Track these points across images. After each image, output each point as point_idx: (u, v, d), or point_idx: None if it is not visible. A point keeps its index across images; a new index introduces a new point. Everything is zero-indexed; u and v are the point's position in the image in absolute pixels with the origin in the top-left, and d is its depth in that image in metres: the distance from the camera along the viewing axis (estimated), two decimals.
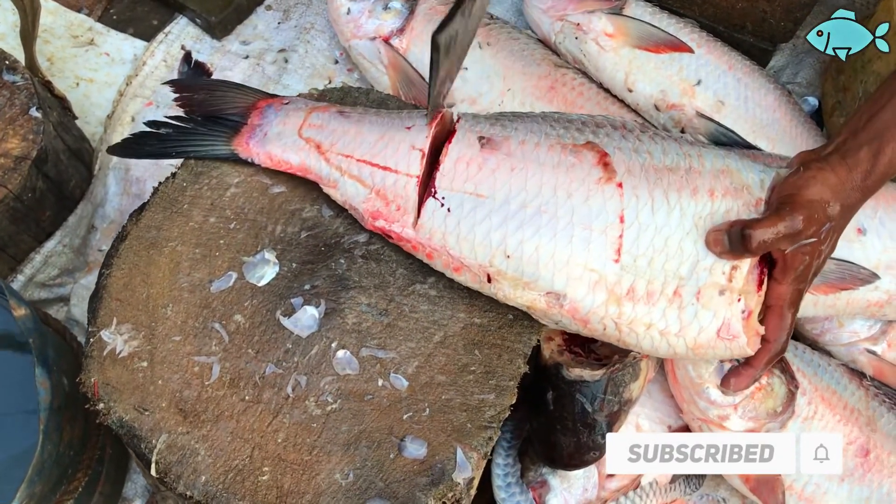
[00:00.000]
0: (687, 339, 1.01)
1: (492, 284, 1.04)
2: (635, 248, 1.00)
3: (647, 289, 1.00)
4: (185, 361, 1.03)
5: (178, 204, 1.15)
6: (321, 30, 1.79)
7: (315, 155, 1.14)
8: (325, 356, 1.04)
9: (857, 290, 1.29)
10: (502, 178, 1.04)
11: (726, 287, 0.99)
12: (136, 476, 1.39)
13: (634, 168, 1.04)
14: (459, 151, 1.07)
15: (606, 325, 1.02)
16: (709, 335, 1.00)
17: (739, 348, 1.01)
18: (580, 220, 1.01)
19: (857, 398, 1.30)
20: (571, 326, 1.05)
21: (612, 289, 1.00)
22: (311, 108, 1.18)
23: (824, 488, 1.27)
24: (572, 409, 1.14)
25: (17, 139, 1.43)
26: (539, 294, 1.02)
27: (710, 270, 0.99)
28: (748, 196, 1.01)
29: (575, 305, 1.01)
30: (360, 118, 1.15)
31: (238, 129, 1.18)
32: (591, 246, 1.00)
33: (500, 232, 1.02)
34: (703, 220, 1.00)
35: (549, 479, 1.26)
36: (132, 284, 1.08)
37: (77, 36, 1.80)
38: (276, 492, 0.95)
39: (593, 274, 1.00)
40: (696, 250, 1.00)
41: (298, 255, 1.12)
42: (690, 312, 1.00)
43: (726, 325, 0.99)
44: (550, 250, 1.01)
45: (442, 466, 0.97)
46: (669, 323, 1.00)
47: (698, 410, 1.24)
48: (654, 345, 1.02)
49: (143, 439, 0.97)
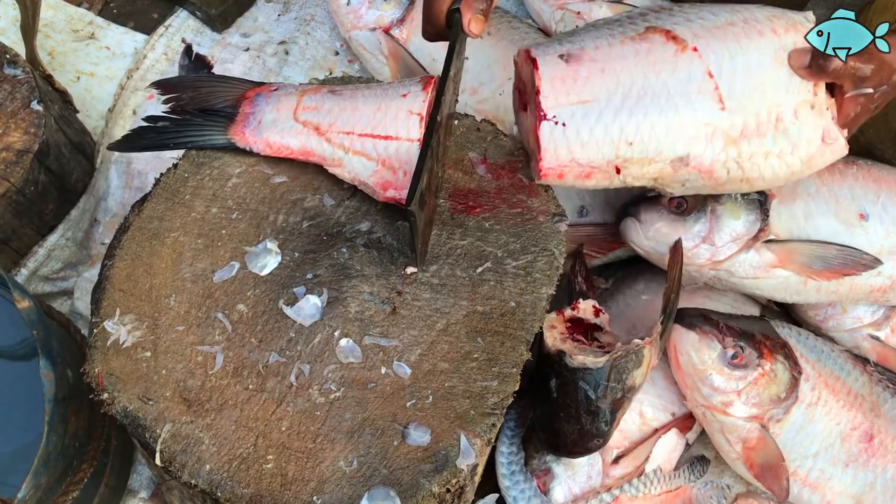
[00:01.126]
0: (801, 154, 1.14)
1: (620, 174, 1.16)
2: (733, 92, 1.12)
3: (756, 122, 1.12)
4: (188, 351, 1.03)
5: (180, 195, 1.15)
6: (321, 21, 1.79)
7: (315, 137, 1.14)
8: (328, 345, 1.04)
9: (861, 276, 1.29)
10: (597, 80, 1.14)
11: (814, 101, 1.13)
12: (141, 468, 1.40)
13: (699, 32, 1.14)
14: (550, 72, 1.14)
15: (730, 167, 1.14)
16: (816, 144, 1.14)
17: (841, 148, 1.15)
18: (677, 90, 1.12)
19: (861, 384, 1.30)
20: (698, 182, 1.16)
21: (728, 132, 1.13)
22: (303, 91, 1.19)
23: (829, 474, 1.27)
24: (576, 396, 1.14)
25: (19, 133, 1.43)
26: (665, 163, 1.14)
27: (797, 91, 1.12)
28: (804, 29, 1.14)
29: (699, 161, 1.14)
30: (353, 94, 1.16)
31: (233, 118, 1.18)
32: (696, 105, 1.12)
33: (617, 125, 1.11)
34: (777, 52, 1.13)
35: (552, 467, 1.26)
36: (135, 275, 1.08)
37: (77, 30, 1.80)
38: (281, 479, 0.95)
39: (707, 127, 1.12)
40: (780, 76, 1.13)
41: (300, 244, 1.12)
42: (795, 130, 1.13)
43: (827, 131, 1.14)
44: (664, 123, 1.12)
45: (445, 453, 0.97)
46: (782, 145, 1.14)
47: (701, 397, 1.24)
48: (775, 171, 1.16)
49: (147, 429, 0.98)
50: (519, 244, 1.13)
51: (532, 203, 1.17)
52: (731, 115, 1.12)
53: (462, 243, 1.13)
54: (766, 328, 1.29)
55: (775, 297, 1.34)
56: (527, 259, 1.11)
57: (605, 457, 1.27)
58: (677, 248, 1.22)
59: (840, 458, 1.27)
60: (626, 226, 1.32)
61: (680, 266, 1.21)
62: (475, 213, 1.14)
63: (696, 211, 1.28)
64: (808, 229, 1.29)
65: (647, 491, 1.27)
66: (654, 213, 1.29)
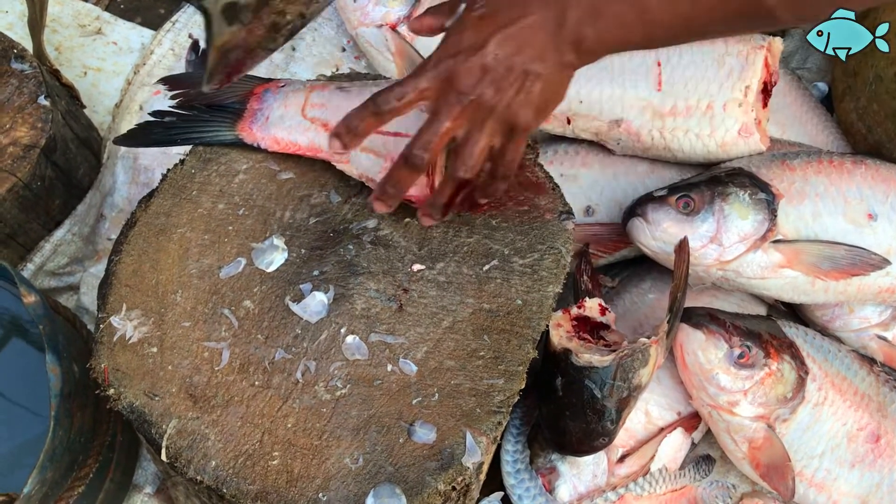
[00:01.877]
0: (717, 138, 1.36)
1: (570, 124, 1.42)
2: (672, 80, 1.37)
3: (686, 105, 1.36)
4: (194, 347, 1.03)
5: (187, 191, 1.15)
6: (328, 18, 1.79)
7: (323, 133, 1.14)
8: (335, 342, 1.04)
9: (869, 276, 1.28)
10: None
11: (743, 101, 1.34)
12: (146, 463, 1.40)
13: None
14: None
15: (654, 136, 1.38)
16: (733, 134, 1.35)
17: (755, 143, 1.36)
18: (629, 68, 1.38)
19: (868, 384, 1.29)
20: (629, 143, 1.41)
21: (657, 109, 1.37)
22: (311, 88, 1.18)
23: (835, 474, 1.26)
24: (581, 395, 1.14)
25: (26, 127, 1.43)
26: (604, 122, 1.40)
27: (731, 90, 1.35)
28: (756, 43, 1.36)
29: (629, 125, 1.39)
30: (361, 91, 1.15)
31: (240, 114, 1.18)
32: (639, 84, 1.38)
33: (576, 86, 1.21)
34: (721, 56, 1.36)
35: (558, 466, 1.26)
36: (141, 271, 1.08)
37: (84, 25, 1.80)
38: (286, 476, 0.95)
39: (642, 101, 1.38)
40: (719, 75, 1.36)
41: (307, 241, 1.12)
42: (719, 119, 1.35)
43: (745, 127, 1.35)
44: (609, 92, 1.39)
45: (451, 451, 0.97)
46: (703, 127, 1.36)
47: (708, 396, 1.24)
48: (693, 146, 1.38)
49: (153, 424, 0.98)
50: (526, 242, 1.12)
51: (539, 201, 1.16)
52: (664, 97, 1.36)
53: (469, 241, 1.12)
54: (773, 328, 1.29)
55: (783, 297, 1.33)
56: (534, 257, 1.11)
57: (611, 456, 1.27)
58: (683, 247, 1.22)
59: (846, 458, 1.26)
60: (633, 226, 1.32)
61: (686, 265, 1.21)
62: (482, 210, 1.14)
63: (703, 211, 1.28)
64: (817, 229, 1.28)
65: (653, 490, 1.27)
66: (662, 213, 1.29)
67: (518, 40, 0.93)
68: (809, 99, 1.56)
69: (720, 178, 1.31)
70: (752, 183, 1.30)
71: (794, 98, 1.54)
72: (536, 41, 0.94)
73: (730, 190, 1.29)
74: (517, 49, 0.93)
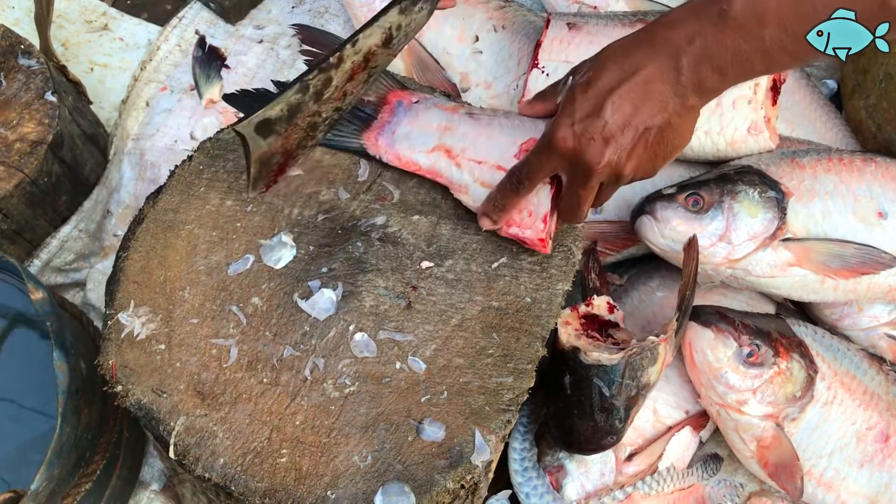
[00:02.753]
0: (726, 135, 1.34)
1: None
2: None
3: None
4: (202, 344, 1.03)
5: (195, 187, 1.15)
6: (335, 13, 1.78)
7: (445, 160, 1.12)
8: (343, 339, 1.03)
9: (879, 275, 1.28)
10: (584, 48, 1.39)
11: (752, 98, 1.33)
12: (152, 460, 1.40)
13: None
14: (554, 33, 1.42)
15: None
16: (742, 132, 1.34)
17: (765, 141, 1.34)
18: None
19: (877, 383, 1.29)
20: None
21: None
22: (440, 107, 1.16)
23: (844, 473, 1.26)
24: (590, 393, 1.14)
25: (34, 123, 1.43)
26: None
27: (740, 86, 1.25)
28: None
29: None
30: (490, 121, 1.13)
31: (369, 122, 1.17)
32: None
33: None
34: None
35: (565, 464, 1.26)
36: (149, 267, 1.08)
37: (91, 21, 1.79)
38: (295, 474, 0.95)
39: None
40: None
41: (315, 237, 1.11)
42: (728, 117, 1.33)
43: (755, 124, 1.33)
44: None
45: (460, 449, 0.96)
46: (713, 125, 1.34)
47: (716, 395, 1.23)
48: (700, 143, 1.36)
49: (161, 422, 0.97)
50: None
51: None
52: None
53: (477, 238, 1.12)
54: (782, 326, 1.28)
55: (792, 295, 1.33)
56: (542, 254, 1.10)
57: (619, 454, 1.27)
58: (692, 245, 1.21)
59: (855, 457, 1.26)
60: (641, 224, 1.31)
61: (695, 263, 1.20)
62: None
63: (712, 209, 1.27)
64: (826, 227, 1.28)
65: (660, 489, 1.27)
66: (671, 210, 1.28)
67: (633, 99, 0.93)
68: (819, 96, 1.56)
69: (729, 176, 1.30)
70: (762, 181, 1.29)
71: (804, 96, 1.54)
72: (655, 94, 0.93)
73: (739, 188, 1.28)
74: (634, 109, 0.94)
